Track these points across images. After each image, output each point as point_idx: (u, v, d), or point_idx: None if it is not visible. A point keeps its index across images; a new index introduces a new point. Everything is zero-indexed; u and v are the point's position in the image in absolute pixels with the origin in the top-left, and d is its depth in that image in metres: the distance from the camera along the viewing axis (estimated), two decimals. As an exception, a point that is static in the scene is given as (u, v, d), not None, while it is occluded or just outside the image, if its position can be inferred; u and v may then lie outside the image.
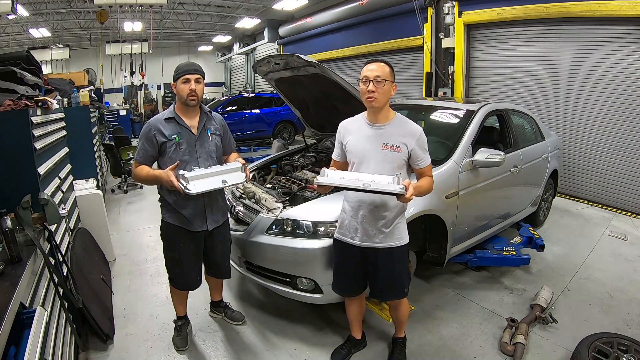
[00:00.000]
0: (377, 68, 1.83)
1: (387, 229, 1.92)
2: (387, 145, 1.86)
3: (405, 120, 1.93)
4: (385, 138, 1.87)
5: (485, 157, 2.80)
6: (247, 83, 15.94)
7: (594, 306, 2.82)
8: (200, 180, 1.91)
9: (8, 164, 2.04)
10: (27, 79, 2.51)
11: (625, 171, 4.87)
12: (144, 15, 11.51)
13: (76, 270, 2.40)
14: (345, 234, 2.01)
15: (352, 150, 1.93)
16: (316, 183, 1.75)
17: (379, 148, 1.87)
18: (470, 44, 6.48)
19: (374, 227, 1.92)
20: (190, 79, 2.04)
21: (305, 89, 3.20)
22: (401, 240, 1.96)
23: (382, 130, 1.89)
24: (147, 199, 5.71)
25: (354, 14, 9.13)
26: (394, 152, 1.86)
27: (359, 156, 1.91)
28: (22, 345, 1.23)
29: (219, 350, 2.39)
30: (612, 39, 4.78)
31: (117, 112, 11.55)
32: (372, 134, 1.90)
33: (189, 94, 2.04)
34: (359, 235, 1.95)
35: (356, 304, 2.22)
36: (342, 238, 2.03)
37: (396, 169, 1.85)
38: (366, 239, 1.94)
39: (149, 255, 3.71)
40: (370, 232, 1.92)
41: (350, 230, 1.98)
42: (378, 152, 1.87)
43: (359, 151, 1.91)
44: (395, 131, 1.88)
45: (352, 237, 1.98)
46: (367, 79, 1.82)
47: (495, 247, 3.27)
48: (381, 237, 1.93)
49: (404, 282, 2.05)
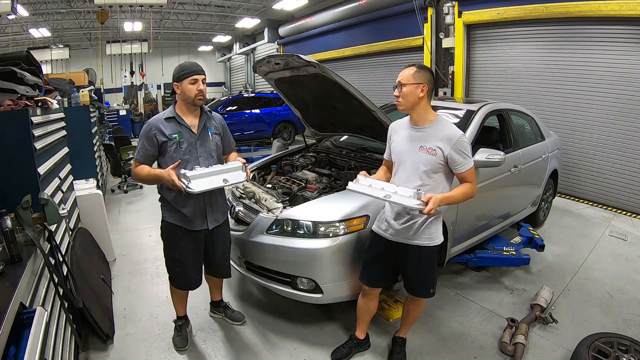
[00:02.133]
0: (401, 73, 1.89)
1: (418, 228, 1.94)
2: (423, 147, 1.88)
3: (445, 124, 1.92)
4: (424, 140, 1.89)
5: (485, 157, 2.80)
6: (247, 83, 15.94)
7: (594, 306, 2.82)
8: (202, 179, 1.92)
9: (8, 164, 2.04)
10: (27, 79, 2.51)
11: (625, 171, 4.87)
12: (144, 15, 11.51)
13: (76, 270, 2.40)
14: (380, 226, 2.07)
15: (394, 150, 2.01)
16: (348, 188, 1.88)
17: (416, 150, 1.90)
18: (470, 44, 6.48)
19: (405, 224, 1.95)
20: (198, 79, 2.05)
21: (305, 89, 3.19)
22: (432, 240, 1.97)
23: (421, 132, 1.91)
24: (147, 199, 5.71)
25: (354, 14, 9.13)
26: (429, 155, 1.87)
27: (398, 156, 1.98)
28: (22, 345, 1.22)
29: (219, 350, 2.39)
30: (612, 39, 4.78)
31: (117, 112, 11.55)
32: (412, 136, 1.94)
33: (197, 94, 2.05)
34: (391, 229, 2.00)
35: (370, 301, 2.22)
36: (377, 230, 2.09)
37: (430, 173, 1.87)
38: (397, 234, 1.98)
39: (149, 255, 3.71)
40: (401, 228, 1.96)
41: (383, 224, 2.05)
42: (415, 154, 1.90)
43: (399, 152, 1.97)
44: (433, 134, 1.89)
45: (385, 230, 2.03)
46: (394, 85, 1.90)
47: (495, 247, 3.27)
48: (411, 234, 1.95)
49: (431, 282, 2.07)
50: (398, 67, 2.19)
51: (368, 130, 3.15)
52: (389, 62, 8.52)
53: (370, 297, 2.22)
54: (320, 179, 3.05)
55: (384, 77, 8.68)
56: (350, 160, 3.26)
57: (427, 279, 2.06)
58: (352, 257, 2.32)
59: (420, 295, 2.12)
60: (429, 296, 2.11)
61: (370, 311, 2.27)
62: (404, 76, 1.87)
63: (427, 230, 1.95)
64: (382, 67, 8.78)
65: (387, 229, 2.02)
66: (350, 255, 2.32)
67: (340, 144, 3.70)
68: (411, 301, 2.20)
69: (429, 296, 2.11)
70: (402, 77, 1.87)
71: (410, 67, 1.88)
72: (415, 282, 2.08)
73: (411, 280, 2.09)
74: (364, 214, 2.36)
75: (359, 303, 2.26)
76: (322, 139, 3.83)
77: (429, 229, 1.95)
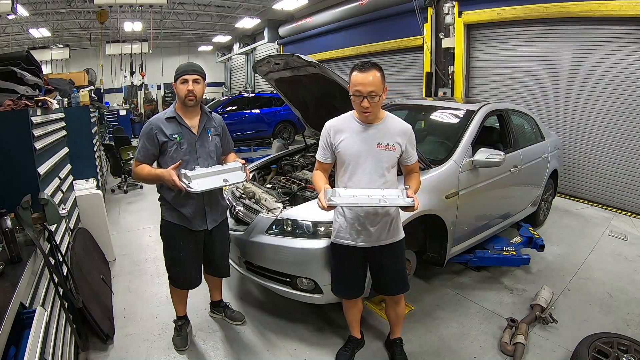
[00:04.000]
0: (370, 81, 1.72)
1: (390, 228, 1.96)
2: (382, 144, 1.86)
3: (396, 119, 1.95)
4: (380, 137, 1.87)
5: (485, 157, 2.80)
6: (247, 83, 15.94)
7: (594, 306, 2.82)
8: (202, 179, 1.94)
9: (8, 164, 2.04)
10: (27, 79, 2.51)
11: (625, 171, 4.87)
12: (144, 15, 11.51)
13: (76, 270, 2.40)
14: (346, 237, 1.99)
15: (347, 151, 1.88)
16: (328, 204, 1.70)
17: (374, 148, 1.86)
18: (470, 44, 6.48)
19: (377, 228, 1.94)
20: (188, 80, 2.04)
21: (305, 89, 3.20)
22: (400, 235, 2.03)
23: (375, 129, 1.89)
24: (147, 199, 5.71)
25: (354, 14, 9.13)
26: (389, 151, 1.87)
27: (354, 157, 1.87)
28: (22, 345, 1.22)
29: (219, 350, 2.39)
30: (612, 39, 4.78)
31: (117, 112, 11.55)
32: (366, 135, 1.87)
33: (187, 94, 2.05)
34: (362, 236, 1.96)
35: (355, 306, 2.22)
36: (342, 242, 2.01)
37: (389, 168, 1.89)
38: (370, 239, 1.96)
39: (149, 255, 3.71)
40: (374, 232, 1.94)
41: (352, 233, 1.97)
42: (374, 152, 1.87)
43: (355, 152, 1.87)
44: (388, 130, 1.89)
45: (355, 239, 1.97)
46: (361, 94, 1.74)
47: (495, 247, 3.27)
48: (384, 235, 1.96)
49: (405, 275, 2.10)
50: (398, 67, 2.18)
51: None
52: (389, 62, 8.51)
53: (353, 303, 2.21)
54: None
55: (384, 77, 8.68)
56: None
57: (402, 273, 2.07)
58: (352, 257, 2.31)
59: (400, 291, 2.10)
60: (406, 289, 2.10)
61: (358, 311, 2.26)
62: (377, 85, 1.73)
63: (396, 227, 1.99)
64: (382, 67, 8.76)
65: (359, 237, 1.95)
66: (350, 255, 2.31)
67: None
68: (394, 303, 2.18)
69: (406, 289, 2.10)
70: (376, 87, 1.72)
71: (374, 72, 1.74)
72: (391, 280, 2.06)
73: (387, 280, 2.06)
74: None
75: (346, 310, 2.25)
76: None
77: (397, 225, 2.00)
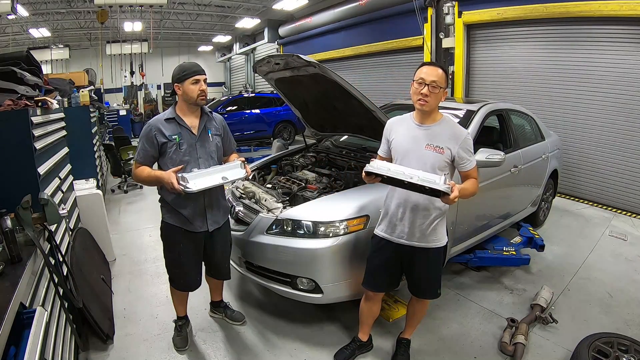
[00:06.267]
0: (436, 72, 1.80)
1: (427, 229, 1.93)
2: (430, 145, 1.87)
3: (451, 123, 1.93)
4: (430, 139, 1.88)
5: (485, 157, 2.79)
6: (247, 83, 15.92)
7: (594, 306, 2.82)
8: (200, 179, 1.93)
9: (8, 164, 2.04)
10: (27, 79, 2.51)
11: (625, 171, 4.87)
12: (144, 15, 11.50)
13: (76, 270, 2.40)
14: (385, 230, 2.02)
15: (397, 148, 1.95)
16: (364, 171, 1.75)
17: (422, 148, 1.88)
18: (470, 44, 6.48)
19: (414, 226, 1.93)
20: (200, 80, 2.05)
21: (305, 89, 3.19)
22: (438, 241, 1.98)
23: (428, 130, 1.89)
24: (147, 199, 5.71)
25: (354, 14, 9.12)
26: (436, 153, 1.86)
27: (401, 154, 1.92)
28: (22, 345, 1.22)
29: (219, 351, 2.39)
30: (612, 39, 4.78)
31: (117, 112, 11.55)
32: (418, 134, 1.90)
33: (200, 94, 2.05)
34: (397, 232, 1.97)
35: (373, 305, 2.21)
36: (381, 234, 2.04)
37: (437, 171, 1.83)
38: (405, 237, 1.96)
39: (149, 255, 3.71)
40: (410, 230, 1.94)
41: (391, 227, 1.99)
42: (421, 152, 1.87)
43: (403, 150, 1.92)
44: (440, 133, 1.88)
45: (390, 233, 1.99)
46: (423, 82, 1.80)
47: (495, 247, 3.27)
48: (419, 236, 1.94)
49: (437, 283, 2.07)
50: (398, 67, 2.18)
51: (368, 130, 3.15)
52: (389, 62, 8.52)
53: (374, 301, 2.21)
54: (320, 179, 3.04)
55: (384, 77, 8.69)
56: (351, 160, 3.26)
57: (434, 280, 2.05)
58: (352, 257, 2.32)
59: (427, 297, 2.12)
60: (436, 297, 2.10)
61: (374, 314, 2.26)
62: (441, 78, 1.80)
63: (434, 232, 1.95)
64: (382, 67, 8.78)
65: (395, 232, 1.98)
66: (350, 255, 2.32)
67: (340, 144, 3.70)
68: (417, 302, 2.18)
69: (436, 297, 2.10)
70: (439, 79, 1.79)
71: (440, 68, 1.82)
72: (422, 284, 2.06)
73: (418, 283, 2.07)
74: (364, 214, 2.36)
75: (362, 307, 2.24)
76: (322, 139, 3.83)
77: (436, 231, 1.95)
